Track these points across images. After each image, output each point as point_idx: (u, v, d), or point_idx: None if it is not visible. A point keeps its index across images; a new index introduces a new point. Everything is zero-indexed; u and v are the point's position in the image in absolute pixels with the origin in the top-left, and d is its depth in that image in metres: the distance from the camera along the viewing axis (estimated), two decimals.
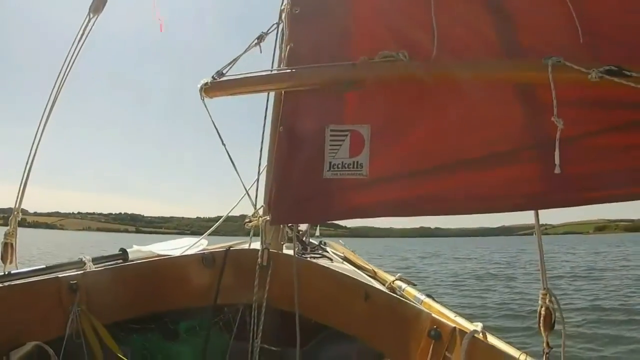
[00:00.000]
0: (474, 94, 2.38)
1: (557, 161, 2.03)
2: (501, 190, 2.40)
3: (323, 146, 2.39)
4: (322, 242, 5.12)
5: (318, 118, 2.46)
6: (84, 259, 2.83)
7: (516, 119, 2.40)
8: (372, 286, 2.80)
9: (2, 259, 2.58)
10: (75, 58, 2.85)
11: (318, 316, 2.70)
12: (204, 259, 2.89)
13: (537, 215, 2.47)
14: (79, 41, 2.88)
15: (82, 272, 2.68)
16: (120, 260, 3.14)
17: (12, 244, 2.60)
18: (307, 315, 2.62)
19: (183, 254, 3.28)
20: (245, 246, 3.33)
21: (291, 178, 2.47)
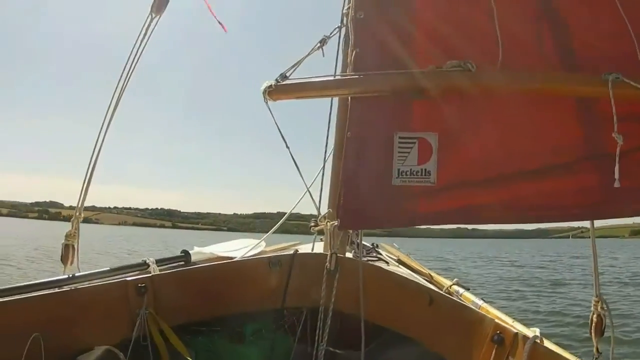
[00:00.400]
0: (535, 105, 2.46)
1: (616, 176, 2.09)
2: (559, 201, 2.45)
3: (392, 153, 2.42)
4: (375, 245, 5.13)
5: (386, 124, 2.49)
6: (147, 261, 2.87)
7: (574, 130, 2.46)
8: (435, 291, 2.82)
9: (62, 260, 2.63)
10: (139, 57, 2.90)
11: (382, 319, 2.71)
12: (271, 263, 2.93)
13: (592, 225, 2.55)
14: (142, 40, 2.92)
15: (149, 275, 2.73)
16: (183, 262, 3.19)
17: (73, 246, 2.64)
18: (371, 319, 2.63)
19: (245, 256, 3.33)
20: (304, 247, 3.35)
21: (360, 184, 2.50)
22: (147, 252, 30.65)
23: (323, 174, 3.06)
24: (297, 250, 2.99)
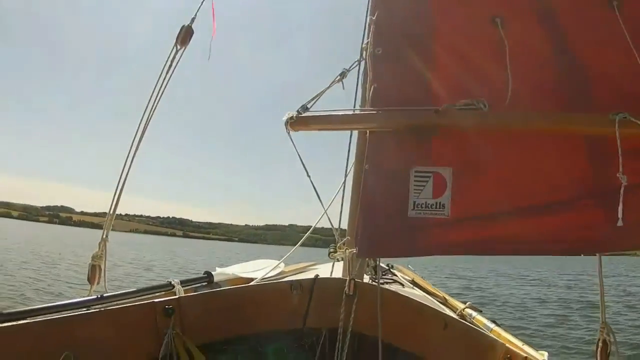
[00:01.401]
0: (544, 141, 2.62)
1: (619, 215, 2.22)
2: (565, 235, 2.58)
3: (408, 186, 2.58)
4: (390, 266, 5.24)
5: (403, 158, 2.65)
6: (172, 282, 3.04)
7: (581, 166, 2.60)
8: (450, 316, 2.96)
9: (89, 281, 2.77)
10: (164, 88, 3.07)
11: (398, 342, 2.85)
12: (293, 287, 3.06)
13: (600, 259, 2.68)
14: (167, 72, 3.10)
15: (176, 297, 2.87)
16: (206, 283, 3.34)
17: (99, 266, 2.78)
18: (387, 341, 2.75)
19: (266, 277, 3.49)
20: (321, 268, 3.51)
21: (377, 214, 2.66)
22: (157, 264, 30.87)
23: (342, 202, 3.20)
24: (317, 275, 3.11)
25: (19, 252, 27.34)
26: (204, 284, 3.38)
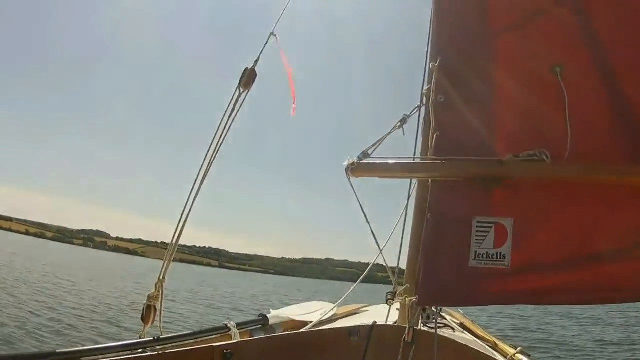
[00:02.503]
0: (605, 191, 2.66)
1: None
2: (622, 283, 2.62)
3: (469, 236, 2.65)
4: (439, 309, 5.27)
5: (464, 208, 2.73)
6: (228, 325, 3.11)
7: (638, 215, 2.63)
8: None
9: (143, 321, 2.76)
10: (227, 131, 3.13)
11: None
12: (351, 333, 3.13)
13: None
14: (230, 115, 3.17)
15: (235, 342, 2.95)
16: (261, 325, 3.42)
17: (155, 307, 2.77)
18: None
19: (322, 320, 3.56)
20: (373, 310, 3.57)
21: (438, 263, 2.73)
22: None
23: (400, 250, 3.27)
24: (375, 322, 3.16)
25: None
26: (259, 326, 3.45)
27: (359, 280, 4.13)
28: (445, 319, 4.62)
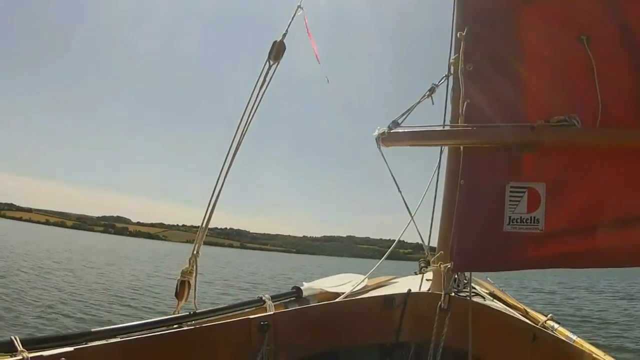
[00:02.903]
0: (631, 160, 2.70)
1: None
2: None
3: (503, 201, 2.70)
4: (470, 276, 5.27)
5: (497, 174, 2.77)
6: (263, 298, 3.17)
7: None
8: (538, 328, 3.00)
9: (177, 297, 2.76)
10: (258, 105, 3.06)
11: (489, 355, 2.92)
12: (386, 302, 3.18)
13: None
14: (260, 88, 3.10)
15: (271, 313, 2.99)
16: (295, 297, 3.47)
17: (189, 282, 2.75)
18: (478, 354, 2.84)
19: (354, 291, 3.61)
20: (402, 281, 3.60)
21: (472, 229, 2.78)
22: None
23: (432, 220, 3.30)
24: (410, 290, 3.22)
25: None
26: (292, 298, 3.51)
27: (388, 252, 4.19)
28: (475, 288, 4.64)
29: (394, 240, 3.94)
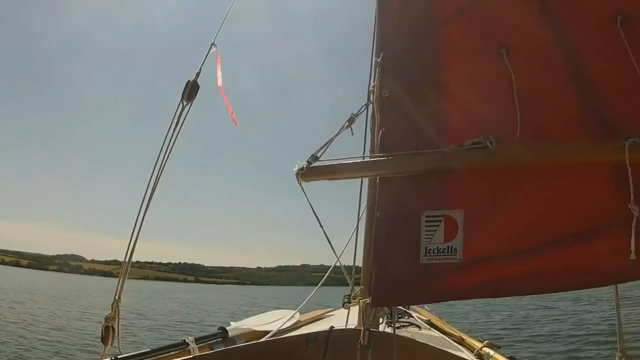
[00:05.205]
0: (556, 175, 2.62)
1: (632, 248, 2.28)
2: (579, 267, 2.57)
3: (419, 232, 2.65)
4: (406, 307, 5.27)
5: (413, 204, 2.72)
6: (187, 340, 3.10)
7: (599, 197, 2.57)
8: None
9: (103, 342, 2.77)
10: (172, 145, 3.13)
11: None
12: (308, 340, 3.11)
13: (616, 289, 2.86)
14: (174, 129, 3.17)
15: (191, 357, 2.92)
16: (221, 339, 3.40)
17: (113, 327, 2.78)
18: None
19: (282, 328, 3.55)
20: (337, 314, 3.56)
21: (390, 262, 2.72)
22: None
23: (355, 253, 3.25)
24: (332, 327, 3.15)
25: None
26: (219, 339, 3.43)
27: (317, 286, 4.14)
28: (412, 317, 4.62)
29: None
